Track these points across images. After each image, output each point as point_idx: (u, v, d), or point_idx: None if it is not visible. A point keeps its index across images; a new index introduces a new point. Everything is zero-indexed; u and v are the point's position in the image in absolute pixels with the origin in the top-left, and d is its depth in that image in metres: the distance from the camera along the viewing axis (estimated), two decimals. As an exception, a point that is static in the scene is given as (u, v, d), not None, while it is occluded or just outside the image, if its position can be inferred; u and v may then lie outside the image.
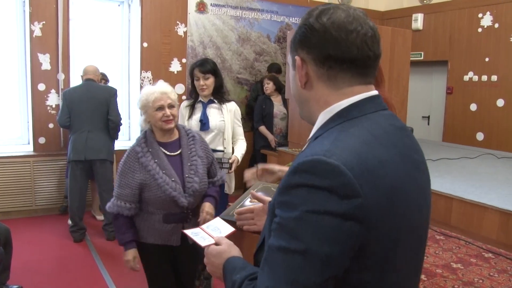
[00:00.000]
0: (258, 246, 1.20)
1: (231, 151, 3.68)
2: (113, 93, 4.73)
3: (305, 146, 1.08)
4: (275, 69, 6.61)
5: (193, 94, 3.69)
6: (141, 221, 2.63)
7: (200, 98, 3.65)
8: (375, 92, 1.06)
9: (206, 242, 1.52)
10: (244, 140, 3.78)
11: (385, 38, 5.17)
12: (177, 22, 6.40)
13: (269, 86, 5.96)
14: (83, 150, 4.59)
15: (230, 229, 1.69)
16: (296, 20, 7.28)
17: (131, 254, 2.59)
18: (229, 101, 3.70)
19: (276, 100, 6.03)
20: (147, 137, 2.58)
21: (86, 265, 4.21)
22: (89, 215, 5.50)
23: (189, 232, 1.70)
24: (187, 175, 2.58)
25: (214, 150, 3.47)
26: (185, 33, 6.47)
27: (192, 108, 3.64)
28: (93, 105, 4.63)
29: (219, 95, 3.63)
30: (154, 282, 2.78)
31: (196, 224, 2.44)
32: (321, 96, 1.05)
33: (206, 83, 3.55)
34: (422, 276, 2.96)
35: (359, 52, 1.00)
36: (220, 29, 6.74)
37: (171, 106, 2.56)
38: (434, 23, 7.76)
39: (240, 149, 3.71)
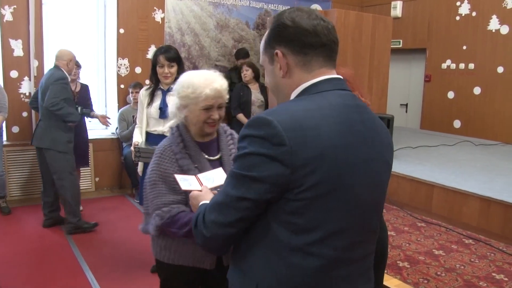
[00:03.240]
0: None
1: None
2: (54, 79, 4.45)
3: None
4: (243, 54, 6.52)
5: (153, 80, 3.62)
6: (170, 238, 2.05)
7: (160, 86, 3.58)
8: (334, 75, 1.29)
9: (189, 187, 1.76)
10: None
11: (366, 26, 5.14)
12: (154, 8, 6.26)
13: (247, 73, 5.87)
14: (34, 137, 4.62)
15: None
16: (275, 6, 7.21)
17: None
18: None
19: (254, 88, 5.95)
20: (182, 134, 2.07)
21: (64, 256, 4.11)
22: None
23: (179, 177, 1.82)
24: None
25: None
26: (162, 19, 6.33)
27: (151, 95, 3.57)
28: (42, 93, 4.51)
29: None
30: None
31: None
32: (297, 80, 1.28)
33: (171, 71, 3.50)
34: (406, 264, 2.97)
35: (326, 38, 1.25)
36: (198, 15, 6.62)
37: (220, 107, 2.06)
38: (413, 11, 7.79)
39: None
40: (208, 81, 2.01)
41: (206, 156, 2.06)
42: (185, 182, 1.81)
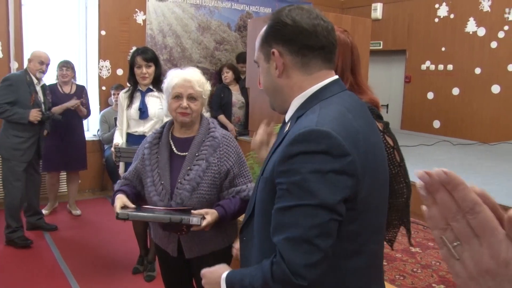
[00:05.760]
0: (245, 221, 1.37)
1: None
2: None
3: (288, 127, 1.25)
4: (242, 59, 6.58)
5: (131, 82, 3.67)
6: None
7: (138, 87, 3.63)
8: (336, 76, 1.28)
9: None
10: None
11: (345, 27, 5.20)
12: (136, 10, 6.26)
13: (228, 75, 5.93)
14: None
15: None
16: (256, 8, 7.25)
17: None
18: None
19: (234, 89, 6.00)
20: (164, 128, 2.25)
21: (45, 259, 4.09)
22: (66, 210, 5.42)
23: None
24: (179, 180, 2.11)
25: None
26: (144, 21, 6.34)
27: (131, 97, 3.62)
28: None
29: (158, 84, 3.59)
30: None
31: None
32: (296, 82, 1.24)
33: (148, 72, 3.55)
34: (383, 262, 3.03)
35: (325, 40, 1.22)
36: (179, 17, 6.64)
37: (191, 98, 2.14)
38: (393, 13, 7.90)
39: None
40: (179, 73, 2.17)
41: (175, 150, 2.17)
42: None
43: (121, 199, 2.03)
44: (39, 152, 4.47)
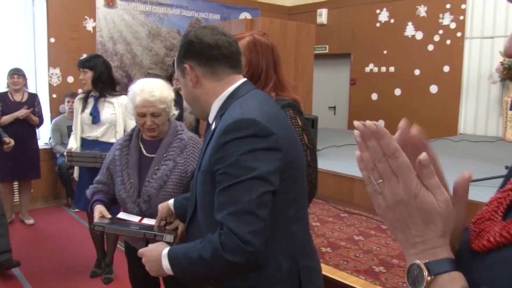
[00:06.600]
0: (190, 218, 1.51)
1: None
2: None
3: (213, 126, 1.41)
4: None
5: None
6: None
7: (92, 93, 3.74)
8: (245, 79, 1.49)
9: (126, 217, 2.09)
10: None
11: (290, 33, 5.46)
12: (85, 17, 6.29)
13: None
14: None
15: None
16: (206, 15, 7.41)
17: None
18: (120, 95, 3.77)
19: (186, 95, 6.11)
20: (134, 131, 2.39)
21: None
22: (18, 220, 5.34)
23: (122, 215, 2.16)
24: (147, 179, 2.24)
25: (107, 143, 3.56)
26: (94, 28, 6.37)
27: (85, 101, 3.74)
28: None
29: (99, 88, 3.69)
30: None
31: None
32: (210, 89, 1.44)
33: (85, 77, 3.67)
34: (328, 249, 3.25)
35: (227, 51, 1.42)
36: (129, 24, 6.71)
37: (155, 115, 2.25)
38: (338, 18, 8.24)
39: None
40: (142, 91, 2.23)
41: (144, 152, 2.31)
42: (125, 215, 2.15)
43: (99, 209, 2.13)
44: None
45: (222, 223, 1.26)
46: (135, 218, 2.11)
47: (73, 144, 3.71)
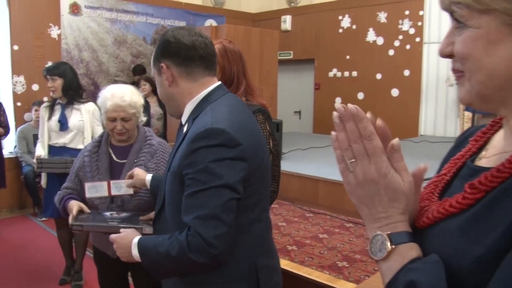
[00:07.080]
0: (157, 213, 1.57)
1: None
2: None
3: (185, 128, 1.47)
4: (139, 71, 6.73)
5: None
6: None
7: (58, 100, 3.75)
8: (219, 82, 1.53)
9: (95, 194, 2.11)
10: None
11: (254, 39, 5.59)
12: (50, 24, 6.26)
13: (146, 88, 6.06)
14: None
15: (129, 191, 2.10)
16: (171, 22, 7.48)
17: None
18: (87, 102, 3.82)
19: (152, 101, 6.15)
20: (103, 137, 2.39)
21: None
22: None
23: (88, 184, 2.17)
24: None
25: (75, 149, 3.58)
26: (59, 35, 6.34)
27: (51, 109, 3.74)
28: None
29: (69, 96, 3.72)
30: None
31: None
32: (185, 89, 1.48)
33: (54, 85, 3.67)
34: (294, 247, 3.38)
35: (203, 52, 1.46)
36: (95, 31, 6.71)
37: (125, 120, 2.30)
38: (301, 25, 8.43)
39: None
40: (113, 96, 2.27)
41: (114, 158, 2.33)
42: (93, 189, 2.15)
43: (77, 204, 2.14)
44: None
45: (190, 225, 1.33)
46: (103, 184, 2.16)
47: (41, 151, 3.71)
